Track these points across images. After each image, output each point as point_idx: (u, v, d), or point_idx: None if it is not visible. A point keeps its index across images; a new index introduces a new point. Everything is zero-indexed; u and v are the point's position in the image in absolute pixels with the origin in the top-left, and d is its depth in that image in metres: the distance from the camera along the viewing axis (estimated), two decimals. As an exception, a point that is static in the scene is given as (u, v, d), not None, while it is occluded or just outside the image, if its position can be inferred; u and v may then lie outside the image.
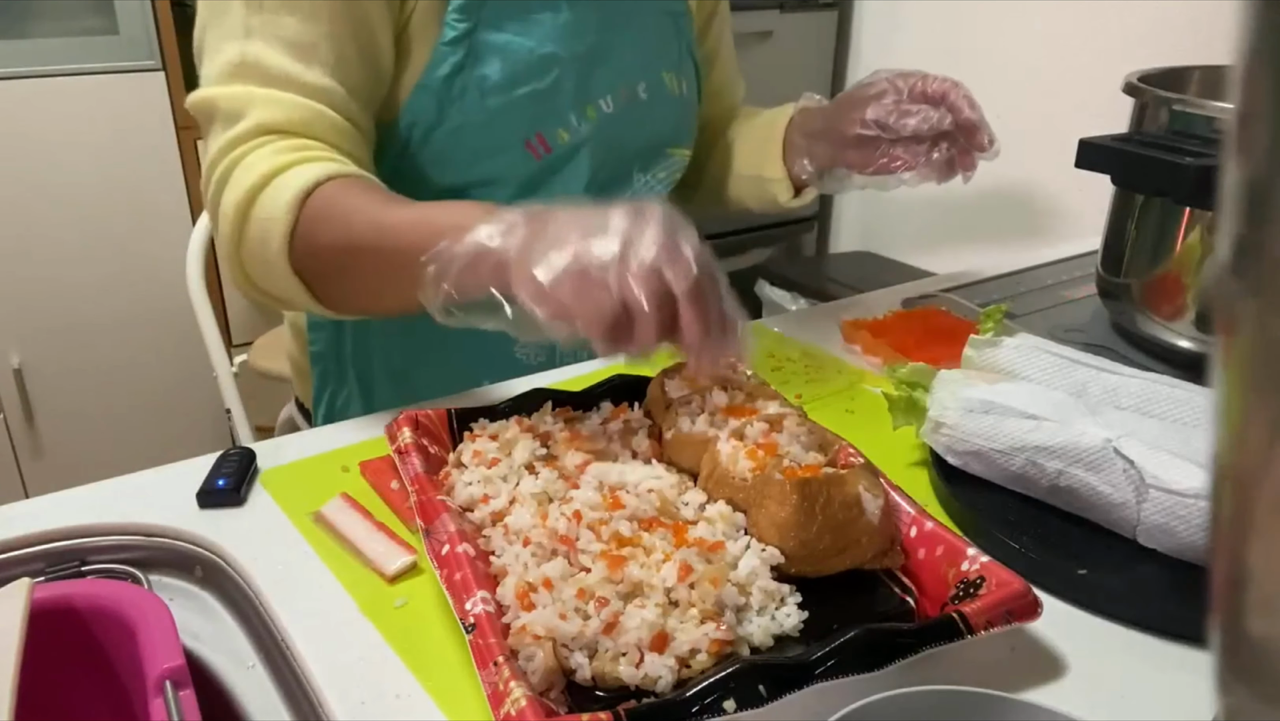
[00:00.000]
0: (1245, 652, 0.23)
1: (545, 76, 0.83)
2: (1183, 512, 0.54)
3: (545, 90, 0.83)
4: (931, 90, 0.85)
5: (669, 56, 0.93)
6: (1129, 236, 0.85)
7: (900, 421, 0.68)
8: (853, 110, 0.86)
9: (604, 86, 0.87)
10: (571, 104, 0.85)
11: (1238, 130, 0.19)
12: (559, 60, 0.83)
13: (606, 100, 0.87)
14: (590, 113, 0.86)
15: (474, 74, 0.80)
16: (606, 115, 0.87)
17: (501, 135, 0.82)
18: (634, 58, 0.90)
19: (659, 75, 0.92)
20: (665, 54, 0.93)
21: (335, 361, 0.97)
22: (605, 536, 0.52)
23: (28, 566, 0.59)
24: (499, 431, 0.64)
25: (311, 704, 0.49)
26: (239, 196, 0.69)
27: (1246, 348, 0.20)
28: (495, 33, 0.81)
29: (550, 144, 0.84)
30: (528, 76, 0.82)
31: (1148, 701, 0.48)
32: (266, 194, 0.68)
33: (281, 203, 0.67)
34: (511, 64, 0.81)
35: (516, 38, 0.81)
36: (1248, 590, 0.22)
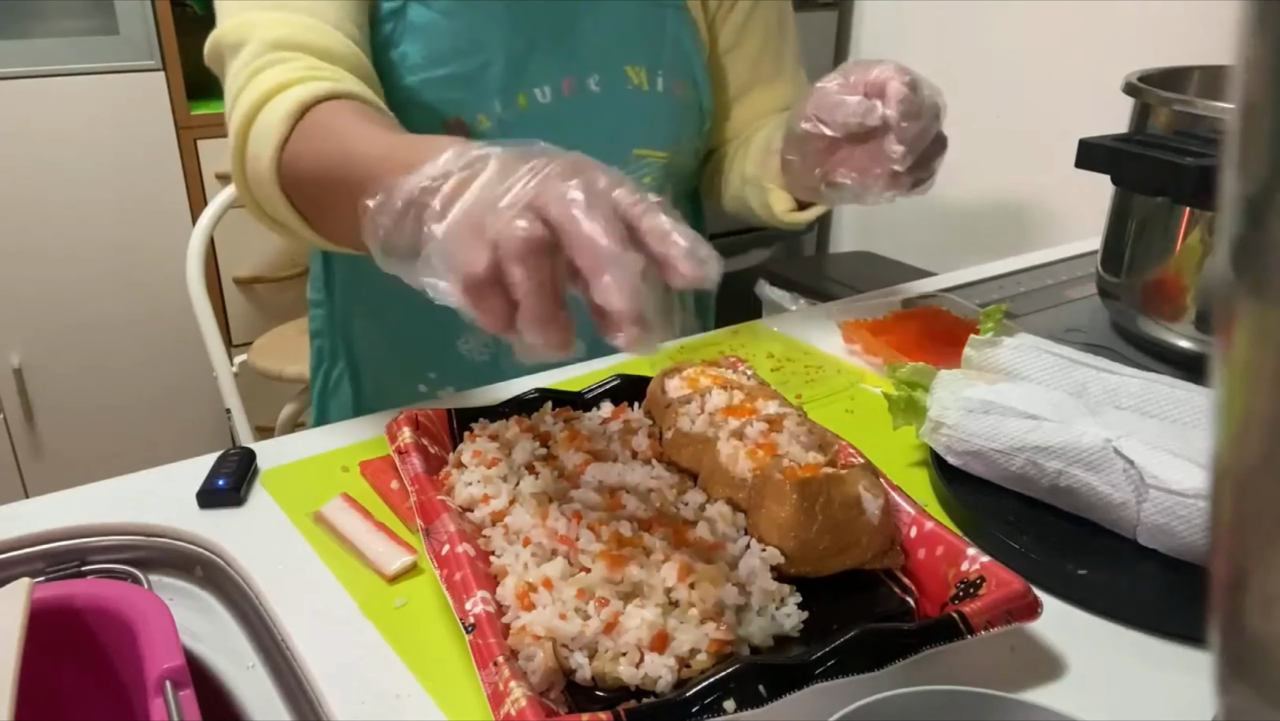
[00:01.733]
0: (1245, 652, 0.23)
1: (470, 59, 0.80)
2: (1183, 512, 0.54)
3: (468, 73, 0.80)
4: (872, 78, 0.71)
5: (641, 50, 0.88)
6: (1129, 236, 0.85)
7: (900, 421, 0.68)
8: (804, 104, 0.75)
9: (543, 75, 0.83)
10: (498, 90, 0.82)
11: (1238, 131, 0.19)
12: (489, 44, 0.81)
13: (543, 90, 0.84)
14: (522, 101, 0.83)
15: (398, 52, 0.79)
16: (543, 105, 0.83)
17: (418, 115, 0.80)
18: (588, 47, 0.85)
19: (618, 69, 0.87)
20: (635, 46, 0.88)
21: (329, 338, 0.97)
22: (605, 536, 0.52)
23: (28, 566, 0.59)
24: (499, 431, 0.64)
25: (311, 704, 0.49)
26: (244, 111, 0.68)
27: (1246, 348, 0.20)
28: (423, 10, 0.79)
29: (469, 128, 0.81)
30: (449, 58, 0.80)
31: (1148, 701, 0.48)
32: (267, 108, 0.67)
33: (275, 118, 0.66)
34: (433, 43, 0.79)
35: (443, 18, 0.80)
36: (1248, 590, 0.22)
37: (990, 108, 1.94)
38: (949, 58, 2.02)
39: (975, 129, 1.99)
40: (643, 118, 0.89)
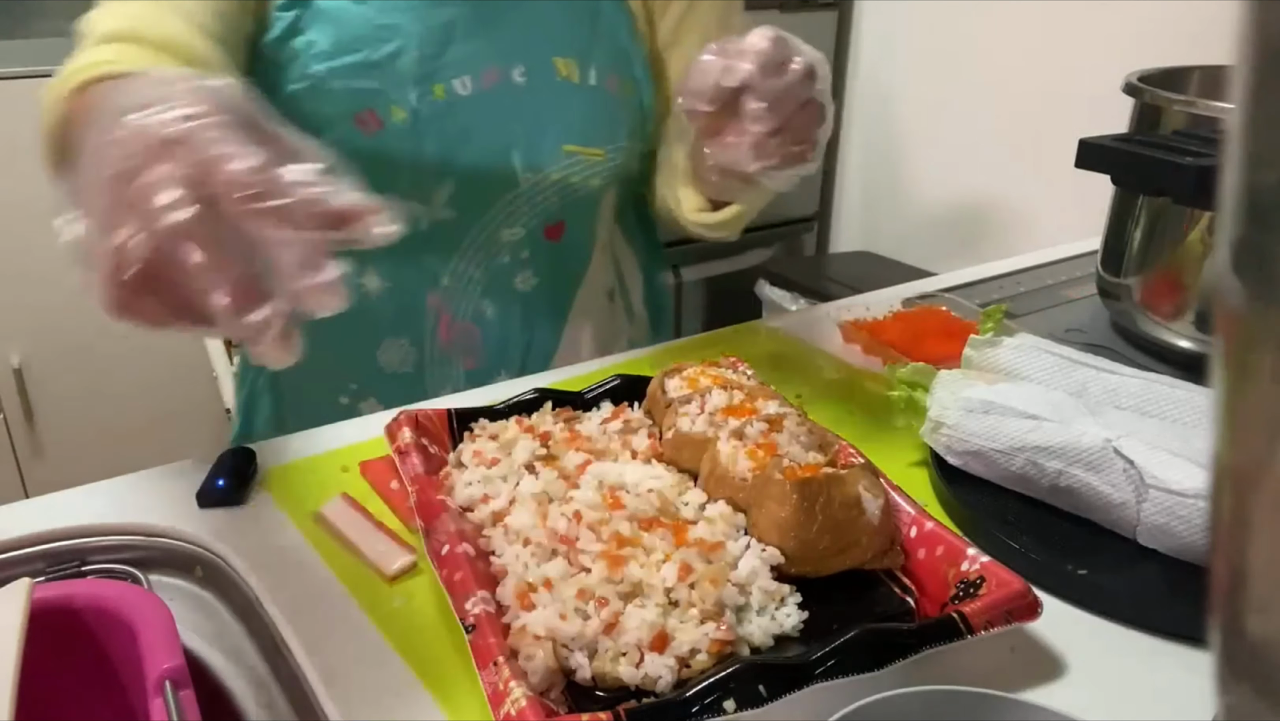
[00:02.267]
0: (1245, 652, 0.23)
1: (380, 47, 0.77)
2: (1183, 512, 0.54)
3: (378, 62, 0.77)
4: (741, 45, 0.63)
5: (571, 42, 0.84)
6: (1129, 236, 0.85)
7: (900, 421, 0.68)
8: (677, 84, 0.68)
9: (462, 65, 0.80)
10: (413, 79, 0.78)
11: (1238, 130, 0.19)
12: (402, 31, 0.77)
13: (463, 80, 0.80)
14: (439, 91, 0.79)
15: (303, 39, 0.76)
16: (463, 97, 0.80)
17: (327, 106, 0.77)
18: (513, 37, 0.81)
19: (546, 60, 0.82)
20: (565, 38, 0.84)
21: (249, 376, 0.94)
22: (605, 536, 0.52)
23: (28, 566, 0.59)
24: (499, 431, 0.64)
25: (311, 704, 0.49)
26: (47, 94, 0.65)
27: (1246, 348, 0.20)
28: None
29: (382, 119, 0.78)
30: (358, 45, 0.77)
31: (1148, 701, 0.48)
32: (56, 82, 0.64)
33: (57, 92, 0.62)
34: (342, 30, 0.76)
35: (353, 4, 0.77)
36: (1248, 590, 0.22)
37: (990, 108, 1.94)
38: (949, 58, 2.02)
39: (975, 129, 1.99)
40: (573, 112, 0.84)
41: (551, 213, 0.87)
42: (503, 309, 0.89)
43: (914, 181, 2.18)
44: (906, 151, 2.18)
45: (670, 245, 2.15)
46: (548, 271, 0.89)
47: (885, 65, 2.20)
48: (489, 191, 0.84)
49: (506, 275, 0.88)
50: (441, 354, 0.89)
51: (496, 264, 0.87)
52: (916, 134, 2.14)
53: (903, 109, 2.17)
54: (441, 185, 0.82)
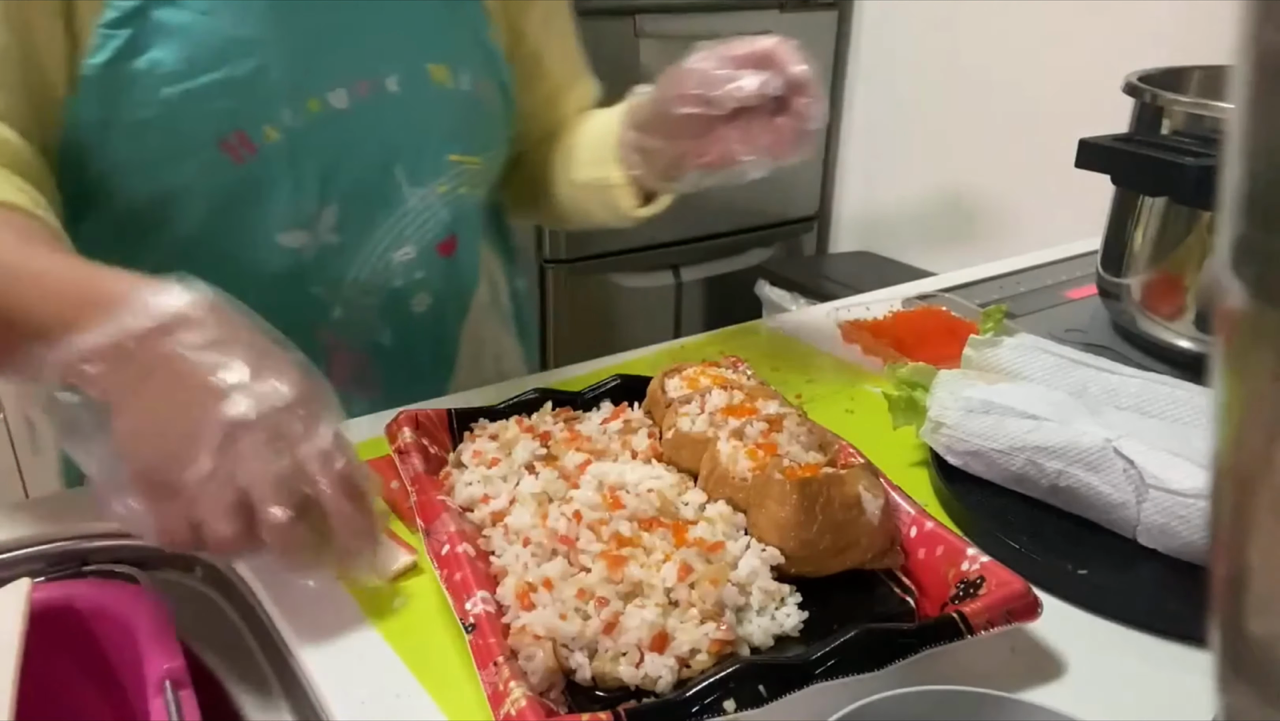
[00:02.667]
0: (1245, 652, 0.23)
1: (242, 62, 0.69)
2: (1183, 512, 0.54)
3: (242, 78, 0.69)
4: (757, 50, 0.71)
5: (441, 46, 0.79)
6: (1129, 236, 0.85)
7: (900, 421, 0.68)
8: (674, 87, 0.72)
9: (334, 76, 0.73)
10: (284, 95, 0.71)
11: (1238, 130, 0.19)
12: (262, 43, 0.69)
13: (337, 93, 0.73)
14: (313, 106, 0.72)
15: (144, 59, 0.66)
16: (338, 111, 0.73)
17: (186, 133, 0.69)
18: (381, 44, 0.76)
19: (420, 66, 0.77)
20: (435, 42, 0.79)
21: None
22: (605, 536, 0.52)
23: (28, 566, 0.59)
24: (499, 431, 0.64)
25: (311, 704, 0.49)
26: None
27: (1246, 348, 0.20)
28: (172, 10, 0.67)
29: (254, 143, 0.70)
30: (215, 61, 0.68)
31: (1148, 701, 0.48)
32: None
33: None
34: (193, 47, 0.67)
35: (202, 16, 0.68)
36: (1248, 590, 0.22)
37: (990, 108, 1.94)
38: (949, 58, 2.02)
39: (975, 129, 1.99)
40: (454, 120, 0.81)
41: (442, 228, 0.82)
42: (400, 334, 0.84)
43: (914, 181, 2.18)
44: (906, 151, 2.18)
45: (670, 245, 2.16)
46: (442, 289, 0.85)
47: (885, 65, 2.20)
48: (375, 211, 0.77)
49: (402, 299, 0.82)
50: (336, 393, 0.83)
51: (390, 288, 0.81)
52: (916, 134, 2.14)
53: (902, 109, 2.17)
54: (325, 209, 0.75)
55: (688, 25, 1.99)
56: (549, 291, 2.07)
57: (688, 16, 1.99)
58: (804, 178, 2.33)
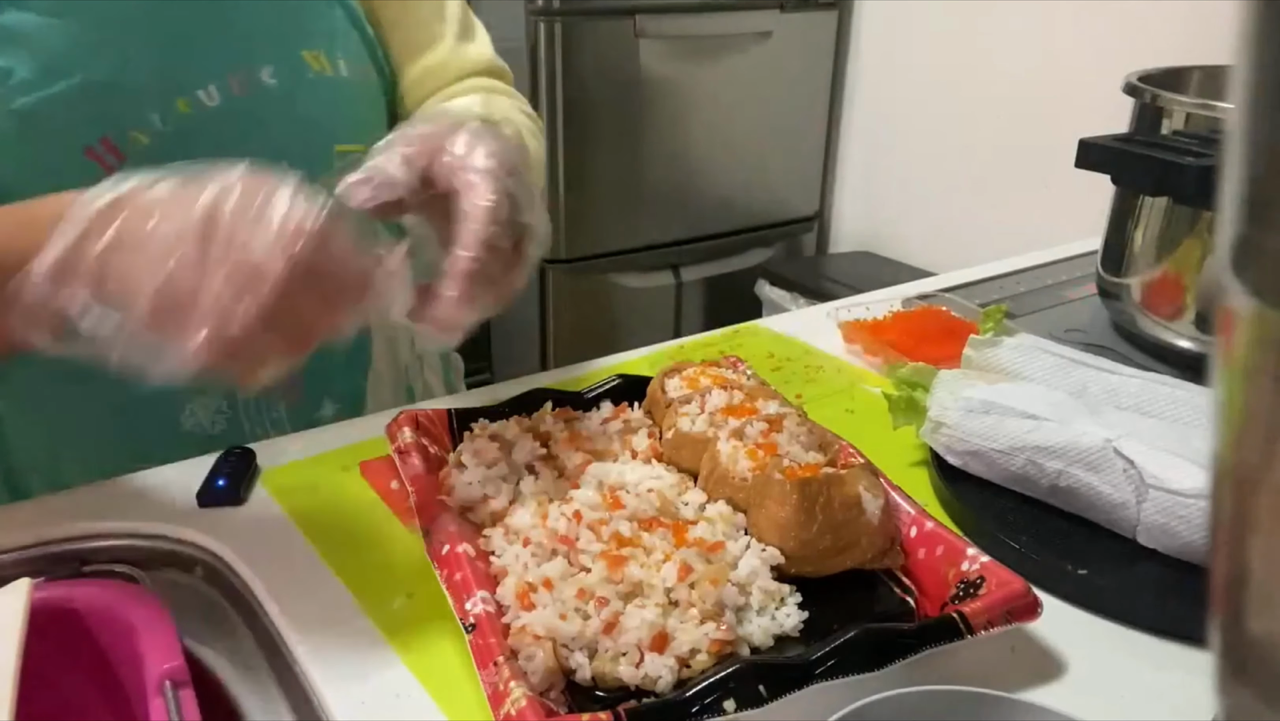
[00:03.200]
0: (1245, 652, 0.23)
1: (100, 64, 0.65)
2: (1183, 513, 0.54)
3: (103, 82, 0.65)
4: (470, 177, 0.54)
5: (312, 31, 0.75)
6: (1129, 236, 0.85)
7: (900, 421, 0.68)
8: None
9: (203, 72, 0.69)
10: (152, 97, 0.67)
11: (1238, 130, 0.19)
12: (120, 42, 0.66)
13: (209, 90, 0.69)
14: (183, 106, 0.68)
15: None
16: (212, 109, 0.69)
17: (47, 144, 0.65)
18: (251, 34, 0.72)
19: (295, 54, 0.73)
20: (306, 28, 0.75)
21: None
22: (605, 536, 0.52)
23: (28, 566, 0.59)
24: (499, 431, 0.64)
25: (311, 704, 0.49)
26: None
27: (1246, 348, 0.20)
28: (18, 13, 0.63)
29: (122, 150, 0.66)
30: (70, 66, 0.64)
31: (1148, 701, 0.48)
32: None
33: None
34: (44, 52, 0.64)
35: (49, 18, 0.63)
36: (1248, 590, 0.22)
37: (990, 108, 1.94)
38: (949, 58, 2.02)
39: (975, 128, 1.99)
40: (336, 107, 0.77)
41: None
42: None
43: (914, 181, 2.18)
44: (906, 151, 2.18)
45: (670, 245, 2.16)
46: None
47: (885, 65, 2.20)
48: None
49: None
50: (256, 400, 0.79)
51: None
52: (916, 134, 2.14)
53: (902, 109, 2.17)
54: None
55: (688, 25, 1.99)
56: (549, 291, 2.07)
57: (688, 16, 1.99)
58: (804, 178, 2.33)
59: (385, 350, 0.89)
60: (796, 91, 2.21)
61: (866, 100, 2.27)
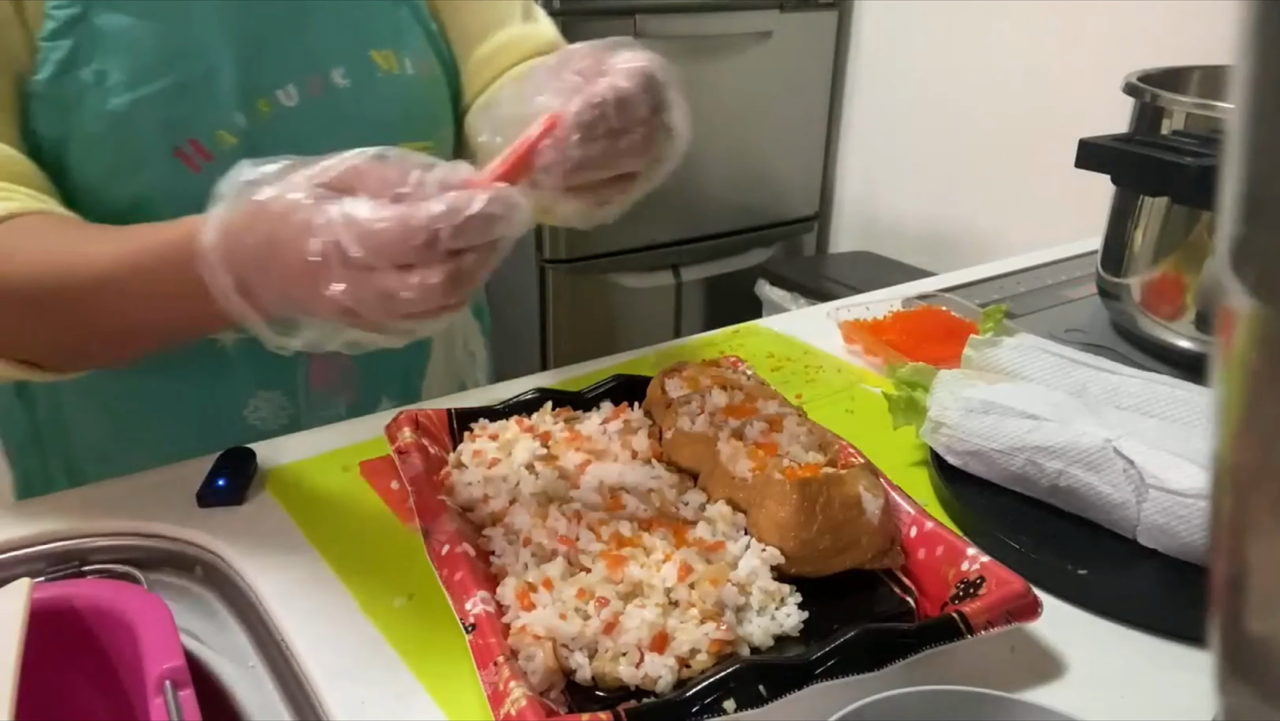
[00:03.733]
0: (1245, 652, 0.23)
1: (189, 66, 0.68)
2: (1183, 512, 0.54)
3: (191, 83, 0.68)
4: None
5: (380, 31, 0.78)
6: (1129, 236, 0.85)
7: (900, 421, 0.68)
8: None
9: (281, 74, 0.72)
10: (235, 98, 0.70)
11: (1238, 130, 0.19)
12: (209, 46, 0.68)
13: (287, 90, 0.72)
14: (264, 107, 0.71)
15: (89, 71, 0.65)
16: (289, 109, 0.72)
17: (138, 144, 0.67)
18: (325, 37, 0.74)
19: (364, 56, 0.76)
20: (374, 29, 0.77)
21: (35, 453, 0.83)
22: (605, 536, 0.52)
23: (28, 566, 0.59)
24: (499, 431, 0.64)
25: (311, 704, 0.49)
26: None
27: (1246, 348, 0.20)
28: (111, 15, 0.65)
29: (209, 150, 0.69)
30: (162, 68, 0.67)
31: (1148, 701, 0.48)
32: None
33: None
34: (137, 54, 0.66)
35: (142, 20, 0.66)
36: (1248, 590, 0.22)
37: (990, 107, 1.94)
38: (949, 57, 2.02)
39: (975, 128, 1.99)
40: (402, 107, 0.79)
41: None
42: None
43: (914, 182, 2.18)
44: (906, 151, 2.18)
45: (670, 245, 2.16)
46: None
47: (885, 65, 2.20)
48: None
49: None
50: (316, 397, 0.82)
51: None
52: (916, 134, 2.14)
53: (902, 109, 2.16)
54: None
55: (688, 25, 1.99)
56: (549, 291, 2.07)
57: (688, 16, 1.99)
58: (804, 178, 2.33)
59: (441, 348, 0.90)
60: (796, 91, 2.21)
61: (866, 100, 2.26)
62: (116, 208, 0.68)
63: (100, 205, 0.68)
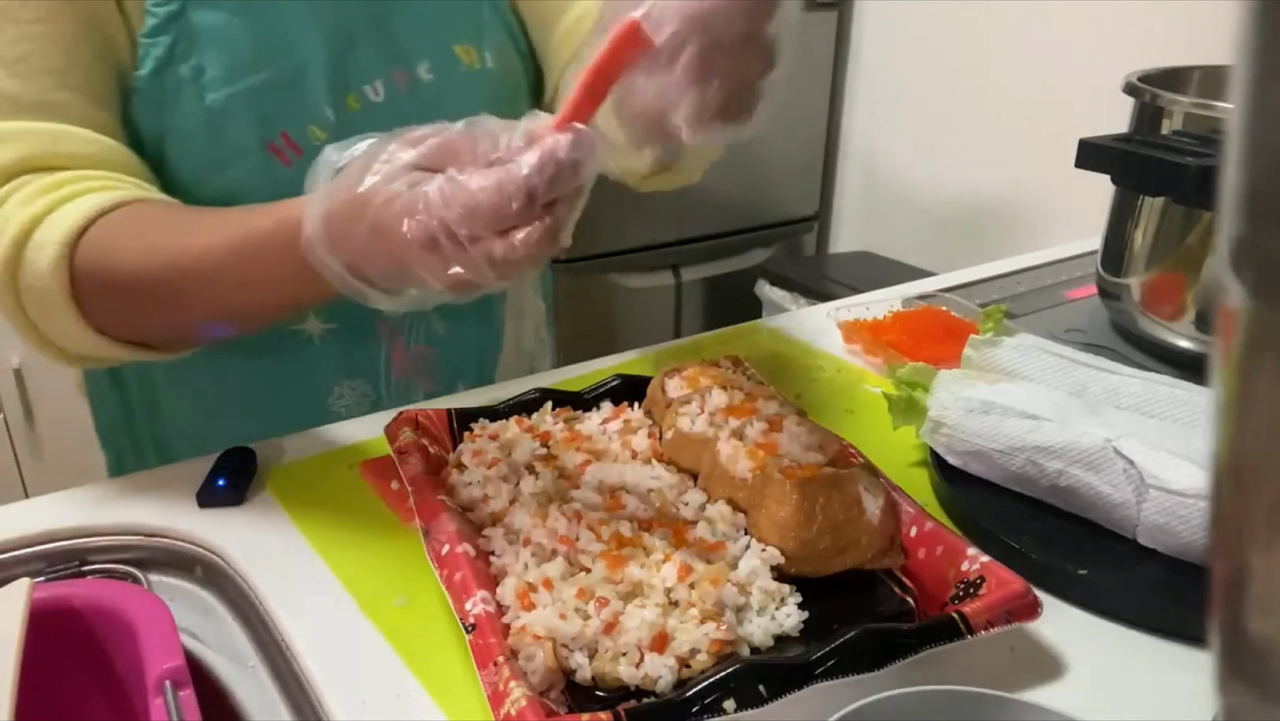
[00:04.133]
0: (1245, 652, 0.23)
1: (282, 63, 0.69)
2: (1183, 512, 0.54)
3: (284, 79, 0.69)
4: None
5: (463, 26, 0.79)
6: (1129, 236, 0.85)
7: (900, 421, 0.68)
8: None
9: (369, 70, 0.74)
10: (326, 94, 0.71)
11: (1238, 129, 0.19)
12: (301, 42, 0.70)
13: (375, 86, 0.74)
14: (352, 102, 0.73)
15: (186, 67, 0.67)
16: (376, 104, 0.74)
17: (232, 139, 0.69)
18: (411, 33, 0.76)
19: (448, 51, 0.77)
20: (457, 23, 0.78)
21: (127, 434, 0.86)
22: (605, 536, 0.52)
23: (28, 566, 0.59)
24: (499, 431, 0.64)
25: (311, 704, 0.49)
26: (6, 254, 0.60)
27: (1246, 348, 0.20)
28: (208, 12, 0.67)
29: (300, 144, 0.71)
30: (257, 64, 0.68)
31: (1148, 701, 0.48)
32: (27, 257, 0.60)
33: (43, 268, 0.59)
34: (232, 50, 0.68)
35: (236, 17, 0.68)
36: (1248, 590, 0.22)
37: (990, 107, 1.94)
38: (949, 57, 2.01)
39: (975, 129, 1.99)
40: (482, 100, 0.77)
41: None
42: (453, 322, 0.85)
43: (914, 181, 2.18)
44: (906, 151, 2.18)
45: (670, 245, 2.16)
46: None
47: (885, 65, 2.20)
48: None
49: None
50: (397, 385, 0.84)
51: None
52: (916, 134, 2.14)
53: (903, 109, 2.16)
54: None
55: (688, 25, 1.99)
56: (549, 291, 2.07)
57: (688, 16, 1.98)
58: (804, 178, 2.33)
59: (512, 336, 0.92)
60: (796, 91, 2.21)
61: (866, 100, 2.26)
62: (210, 202, 0.70)
63: (194, 200, 0.70)
